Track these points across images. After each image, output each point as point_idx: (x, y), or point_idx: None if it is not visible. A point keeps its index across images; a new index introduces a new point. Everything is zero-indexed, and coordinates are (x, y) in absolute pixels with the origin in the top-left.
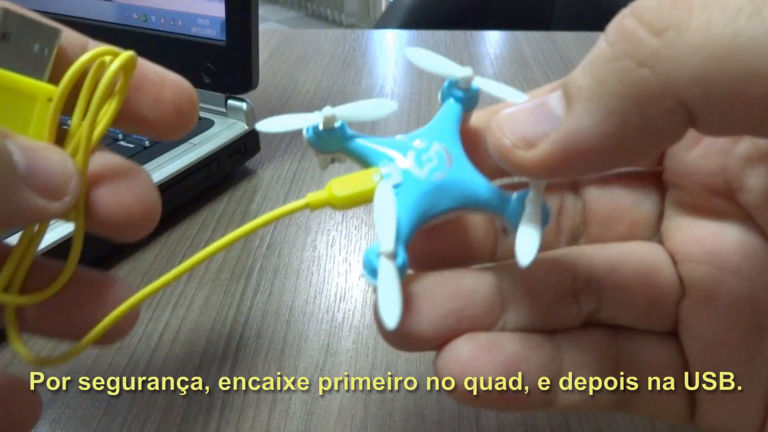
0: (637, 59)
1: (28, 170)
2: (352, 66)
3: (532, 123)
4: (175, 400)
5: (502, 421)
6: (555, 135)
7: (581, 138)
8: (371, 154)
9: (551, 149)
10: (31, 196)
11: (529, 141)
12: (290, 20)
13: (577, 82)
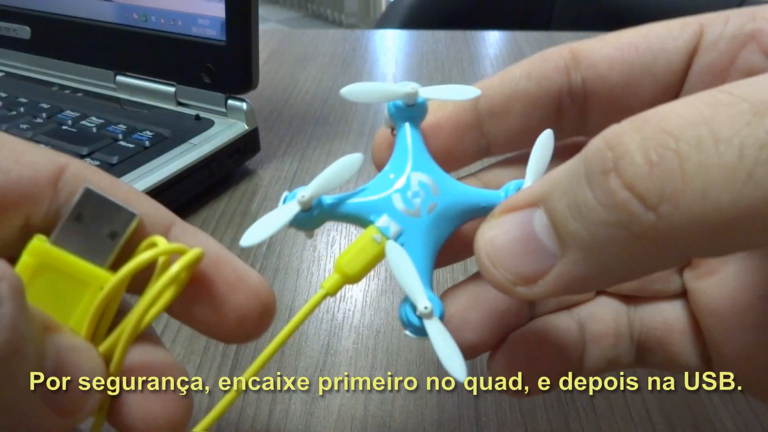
0: (635, 232)
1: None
2: (352, 66)
3: (527, 260)
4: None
5: (502, 421)
6: (554, 277)
7: (582, 281)
8: (359, 212)
9: (553, 288)
10: (45, 415)
11: (527, 279)
12: (290, 20)
13: (568, 226)
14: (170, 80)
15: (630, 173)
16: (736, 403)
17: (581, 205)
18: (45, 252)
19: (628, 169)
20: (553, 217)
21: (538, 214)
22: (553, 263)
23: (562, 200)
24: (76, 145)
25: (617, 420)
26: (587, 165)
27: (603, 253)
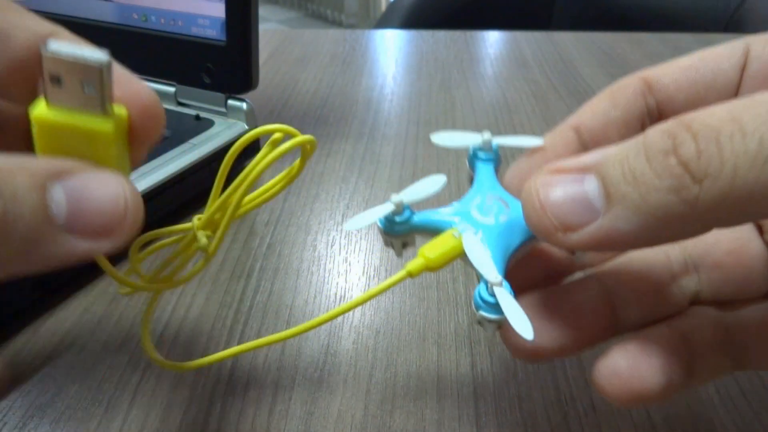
0: (681, 197)
1: (70, 217)
2: (352, 66)
3: (574, 211)
4: (175, 400)
5: (502, 421)
6: (594, 229)
7: (617, 235)
8: (440, 224)
9: (589, 239)
10: (73, 241)
11: (570, 227)
12: (290, 20)
13: (620, 188)
14: (170, 80)
15: (685, 155)
16: (736, 403)
17: (638, 174)
18: (46, 114)
19: (684, 153)
20: (606, 180)
21: (589, 179)
22: (596, 217)
23: (616, 168)
24: None
25: (617, 420)
26: (647, 145)
27: (648, 213)
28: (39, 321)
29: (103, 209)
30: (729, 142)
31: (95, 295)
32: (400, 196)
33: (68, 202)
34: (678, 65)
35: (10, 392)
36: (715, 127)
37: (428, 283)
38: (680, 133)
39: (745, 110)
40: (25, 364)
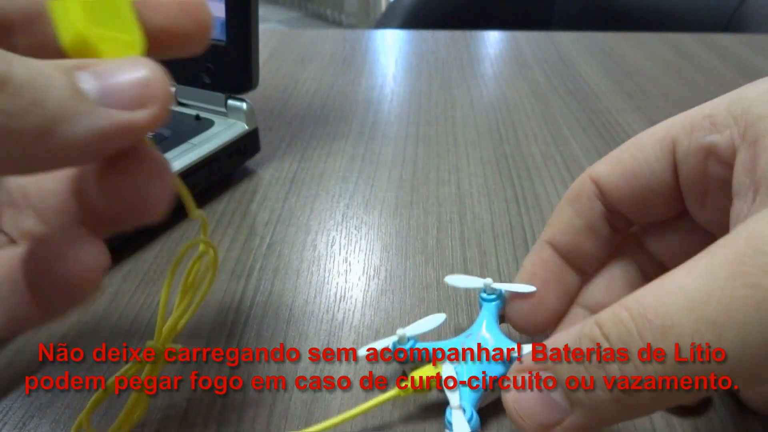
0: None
1: (102, 92)
2: (352, 66)
3: (546, 413)
4: (175, 399)
5: (503, 421)
6: (567, 425)
7: (585, 427)
8: (476, 324)
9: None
10: (111, 111)
11: (546, 426)
12: (290, 20)
13: (577, 395)
14: (170, 80)
15: (613, 373)
16: (736, 403)
17: (585, 383)
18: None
19: (611, 371)
20: (561, 383)
21: (552, 384)
22: (565, 416)
23: (568, 372)
24: None
25: None
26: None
27: (600, 415)
28: None
29: (133, 82)
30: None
31: (95, 295)
32: (404, 330)
33: (96, 81)
34: (621, 168)
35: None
36: (626, 343)
37: (428, 282)
38: (603, 344)
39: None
40: (25, 364)
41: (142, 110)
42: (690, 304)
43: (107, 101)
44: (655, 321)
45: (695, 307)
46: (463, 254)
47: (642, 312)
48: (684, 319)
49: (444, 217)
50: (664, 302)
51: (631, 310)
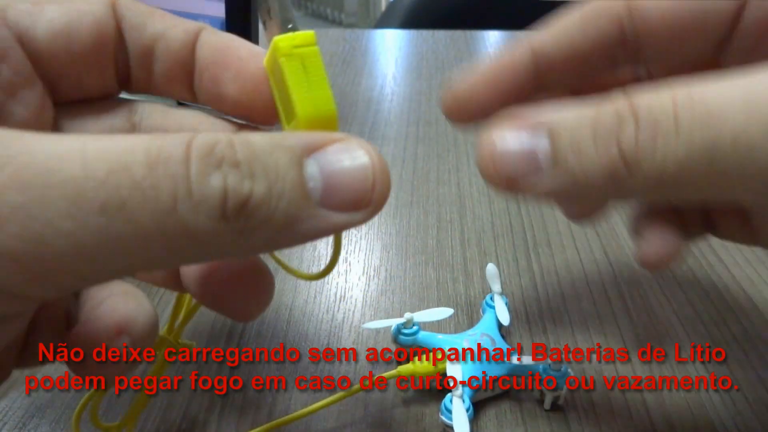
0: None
1: (325, 191)
2: (352, 66)
3: (521, 168)
4: (175, 399)
5: (502, 421)
6: (537, 186)
7: (556, 192)
8: (439, 343)
9: (530, 193)
10: (329, 215)
11: (515, 182)
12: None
13: (567, 156)
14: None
15: (625, 144)
16: (736, 403)
17: (583, 148)
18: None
19: (624, 141)
20: (555, 144)
21: (542, 138)
22: (540, 175)
23: (567, 136)
24: None
25: (617, 420)
26: (597, 124)
27: (584, 184)
28: None
29: (354, 181)
30: (663, 140)
31: None
32: (413, 315)
33: (322, 177)
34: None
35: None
36: (656, 119)
37: (428, 282)
38: (627, 117)
39: (692, 105)
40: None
41: (358, 213)
42: (747, 98)
43: (328, 203)
44: (701, 106)
45: (752, 103)
46: (463, 254)
47: (688, 95)
48: (735, 111)
49: (444, 217)
50: (720, 94)
51: (675, 92)
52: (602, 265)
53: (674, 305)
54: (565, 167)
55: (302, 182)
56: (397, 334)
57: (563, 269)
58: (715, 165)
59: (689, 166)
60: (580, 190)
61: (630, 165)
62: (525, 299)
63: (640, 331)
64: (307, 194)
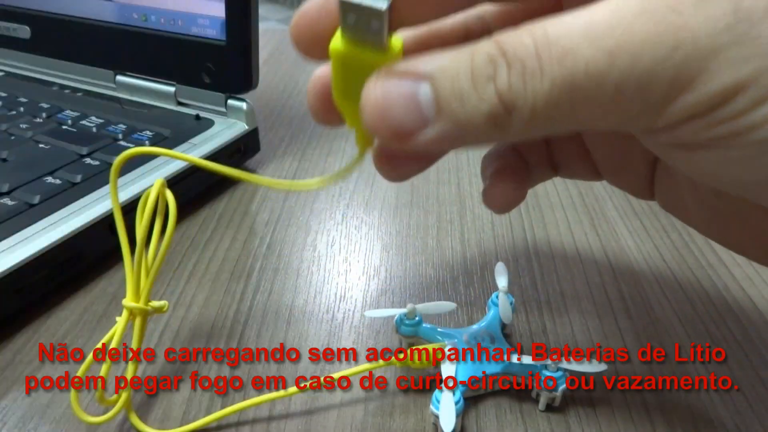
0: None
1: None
2: None
3: (407, 119)
4: (175, 400)
5: (502, 421)
6: (423, 136)
7: (442, 140)
8: (440, 336)
9: (416, 145)
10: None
11: (401, 134)
12: (290, 19)
13: (450, 104)
14: (170, 80)
15: (500, 87)
16: (736, 403)
17: (464, 94)
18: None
19: (499, 83)
20: (438, 94)
21: (424, 87)
22: (425, 125)
23: (447, 84)
24: (76, 145)
25: (617, 420)
26: (474, 68)
27: (469, 130)
28: (39, 321)
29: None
30: (531, 80)
31: (95, 295)
32: (416, 306)
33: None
34: None
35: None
36: (522, 60)
37: (428, 283)
38: (498, 60)
39: (549, 44)
40: (25, 364)
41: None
42: (593, 33)
43: None
44: (556, 44)
45: (597, 37)
46: (463, 254)
47: (544, 34)
48: (584, 46)
49: (444, 217)
50: (569, 30)
51: (534, 33)
52: (602, 265)
53: (674, 305)
54: (449, 115)
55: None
56: (399, 324)
57: (563, 269)
58: (575, 96)
59: (555, 101)
60: (466, 135)
61: (507, 106)
62: (525, 299)
63: (640, 331)
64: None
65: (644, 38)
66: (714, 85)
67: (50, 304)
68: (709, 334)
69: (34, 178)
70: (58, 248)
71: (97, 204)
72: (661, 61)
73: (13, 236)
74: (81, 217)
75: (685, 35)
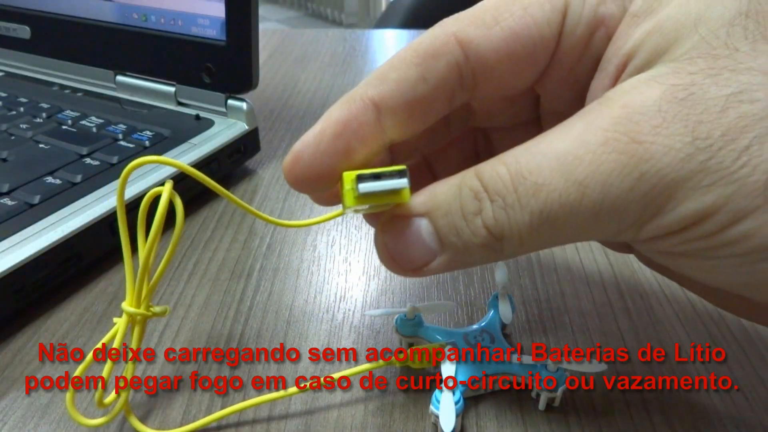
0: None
1: None
2: (352, 66)
3: (416, 255)
4: (175, 400)
5: (502, 422)
6: (435, 265)
7: (452, 267)
8: (440, 336)
9: (433, 272)
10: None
11: (415, 268)
12: (290, 20)
13: (449, 239)
14: (170, 80)
15: (487, 221)
16: (736, 403)
17: (459, 229)
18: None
19: (485, 218)
20: (437, 229)
21: (425, 224)
22: (434, 256)
23: (444, 220)
24: (76, 145)
25: (617, 420)
26: (462, 205)
27: (468, 256)
28: (39, 321)
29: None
30: (512, 213)
31: (95, 295)
32: (416, 306)
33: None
34: (499, 30)
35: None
36: (502, 195)
37: (429, 283)
38: (481, 195)
39: (523, 177)
40: (25, 364)
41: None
42: (562, 166)
43: None
44: (529, 179)
45: (567, 169)
46: None
47: (518, 169)
48: (555, 179)
49: None
50: (539, 163)
51: (508, 166)
52: (602, 265)
53: (674, 305)
54: (450, 247)
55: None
56: (399, 324)
57: (563, 269)
58: (555, 224)
59: (537, 229)
60: (469, 261)
61: (496, 236)
62: (525, 299)
63: (640, 331)
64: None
65: (611, 168)
66: (683, 210)
67: (50, 304)
68: (709, 334)
69: (34, 178)
70: (58, 248)
71: (97, 204)
72: (629, 190)
73: (13, 236)
74: (81, 217)
75: (647, 167)
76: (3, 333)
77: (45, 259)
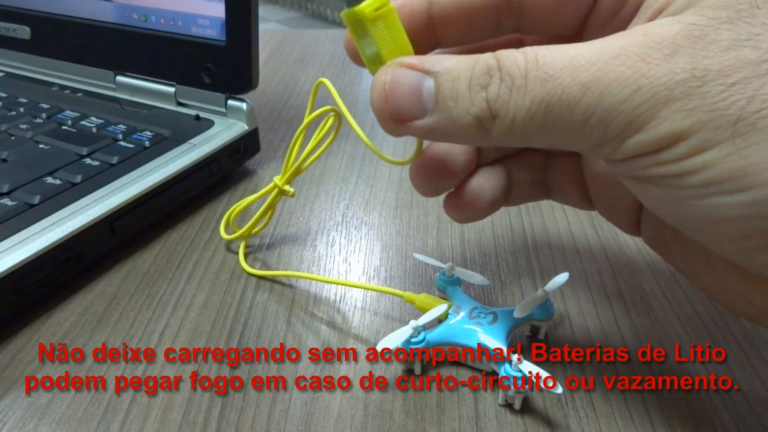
0: (481, 125)
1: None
2: (352, 66)
3: (408, 106)
4: (175, 400)
5: (502, 421)
6: (419, 124)
7: (435, 132)
8: (457, 299)
9: (414, 131)
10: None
11: (402, 118)
12: (290, 20)
13: (447, 101)
14: (170, 80)
15: (490, 95)
16: (736, 403)
17: (460, 95)
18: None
19: (490, 92)
20: (439, 90)
21: (428, 81)
22: (423, 115)
23: (449, 83)
24: (76, 145)
25: (617, 420)
26: (473, 75)
27: (459, 126)
28: (39, 321)
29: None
30: (516, 94)
31: (95, 295)
32: (417, 322)
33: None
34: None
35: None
36: (513, 77)
37: (428, 283)
38: (494, 72)
39: (537, 67)
40: (25, 364)
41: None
42: (573, 66)
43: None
44: (542, 69)
45: (576, 69)
46: (463, 254)
47: (535, 59)
48: (564, 75)
49: (444, 217)
50: (554, 58)
51: (527, 55)
52: (602, 265)
53: (674, 305)
54: (444, 110)
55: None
56: (439, 275)
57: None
58: (549, 116)
59: (532, 116)
60: (454, 131)
61: (493, 113)
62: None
63: (640, 331)
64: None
65: (613, 78)
66: (660, 130)
67: (50, 304)
68: (709, 334)
69: (34, 179)
70: (58, 248)
71: (97, 204)
72: (622, 100)
73: (13, 236)
74: (81, 218)
75: (646, 82)
76: (3, 333)
77: (45, 259)
